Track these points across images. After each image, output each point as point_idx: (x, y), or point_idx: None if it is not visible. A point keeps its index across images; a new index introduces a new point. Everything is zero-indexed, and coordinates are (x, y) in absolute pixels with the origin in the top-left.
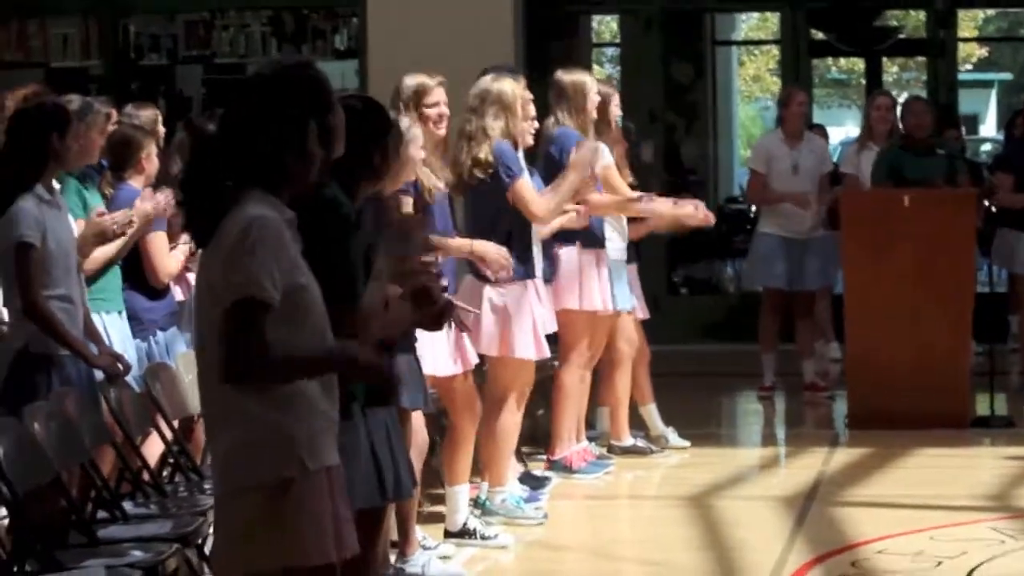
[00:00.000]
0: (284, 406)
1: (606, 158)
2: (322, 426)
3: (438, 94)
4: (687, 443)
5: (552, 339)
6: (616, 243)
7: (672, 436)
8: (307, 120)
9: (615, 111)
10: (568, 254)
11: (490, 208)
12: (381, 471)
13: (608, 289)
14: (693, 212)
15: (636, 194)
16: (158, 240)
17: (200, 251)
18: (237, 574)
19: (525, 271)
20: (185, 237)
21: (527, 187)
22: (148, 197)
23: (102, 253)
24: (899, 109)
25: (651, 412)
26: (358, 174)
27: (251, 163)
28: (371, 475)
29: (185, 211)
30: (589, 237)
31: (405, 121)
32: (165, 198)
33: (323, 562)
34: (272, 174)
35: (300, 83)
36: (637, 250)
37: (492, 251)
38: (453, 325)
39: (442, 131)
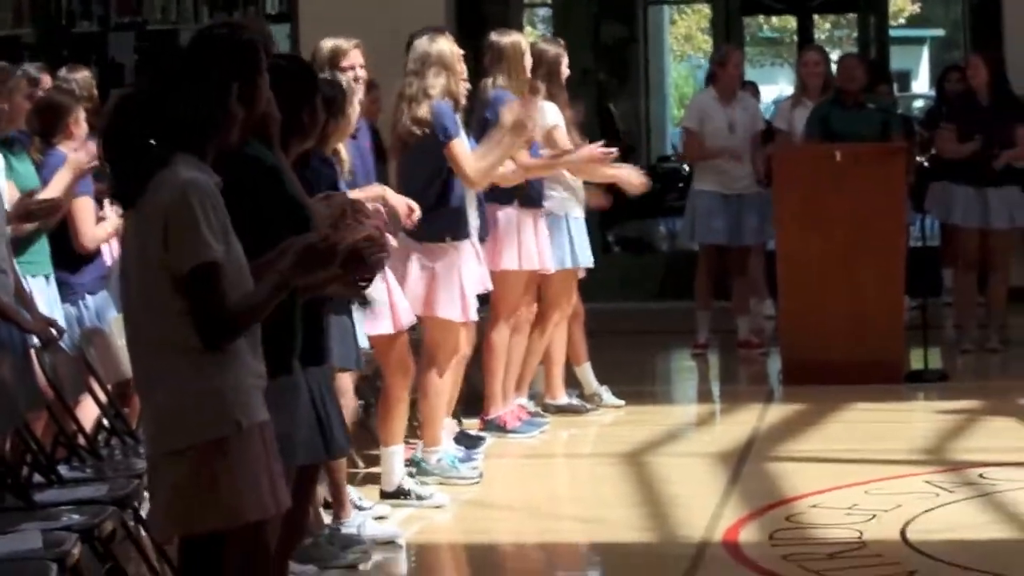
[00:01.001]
0: (215, 365)
1: (552, 119)
2: (253, 383)
3: (354, 56)
4: (621, 402)
5: (485, 299)
6: (575, 201)
7: (606, 395)
8: (228, 81)
9: (566, 71)
10: (506, 214)
11: (424, 167)
12: (323, 426)
13: (546, 248)
14: (628, 176)
15: (565, 149)
16: (84, 205)
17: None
18: (178, 534)
19: (457, 232)
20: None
21: (462, 148)
22: (81, 148)
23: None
24: (834, 67)
25: (585, 371)
26: (287, 132)
27: (171, 122)
28: (314, 430)
29: (110, 170)
30: (527, 197)
31: (344, 79)
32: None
33: (261, 517)
34: (192, 134)
35: (222, 44)
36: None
37: (400, 202)
38: (388, 283)
39: (359, 95)
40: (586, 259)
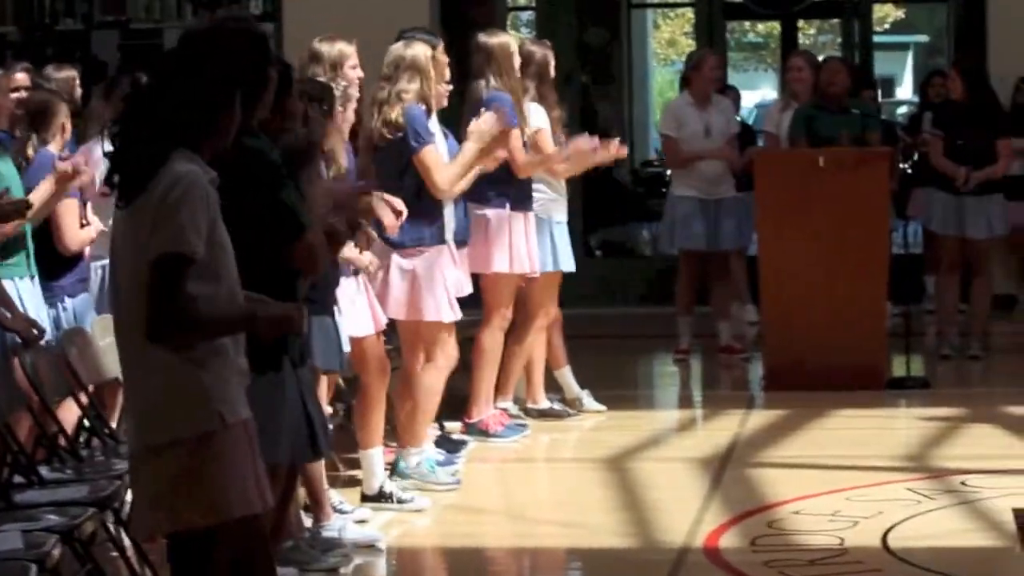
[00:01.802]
0: (200, 361)
1: (536, 122)
2: (236, 379)
3: (355, 58)
4: (603, 406)
5: (465, 301)
6: (560, 205)
7: (588, 399)
8: (237, 78)
9: (552, 73)
10: (498, 216)
11: (393, 170)
12: (313, 426)
13: (535, 250)
14: (608, 153)
15: (548, 153)
16: (70, 207)
17: (120, 210)
18: (162, 532)
19: (435, 235)
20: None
21: (432, 156)
22: (68, 158)
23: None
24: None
25: (566, 375)
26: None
27: (182, 118)
28: (302, 430)
29: (115, 165)
30: (518, 199)
31: (342, 83)
32: (82, 158)
33: (249, 512)
34: (199, 130)
35: (233, 39)
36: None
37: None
38: (367, 284)
39: (358, 93)
40: (568, 263)
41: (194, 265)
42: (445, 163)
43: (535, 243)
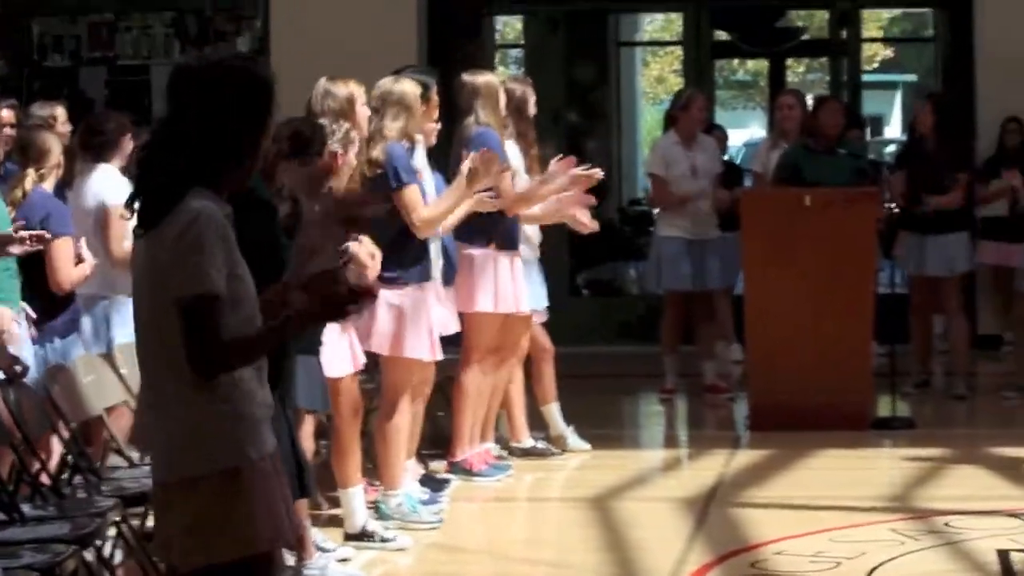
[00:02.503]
0: (225, 395)
1: (511, 160)
2: (262, 413)
3: (363, 95)
4: (587, 444)
5: (449, 339)
6: (530, 243)
7: (572, 437)
8: (266, 119)
9: (533, 109)
10: (483, 255)
11: None
12: (301, 466)
13: (522, 290)
14: (580, 217)
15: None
16: (63, 246)
17: (138, 238)
18: (198, 563)
19: (421, 273)
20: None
21: (413, 196)
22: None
23: None
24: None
25: (552, 411)
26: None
27: (211, 155)
28: (292, 468)
29: (137, 191)
30: (504, 238)
31: (345, 125)
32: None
33: (280, 546)
34: (227, 168)
35: (265, 81)
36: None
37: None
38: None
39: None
40: (540, 301)
41: (220, 301)
42: (422, 203)
43: (522, 283)
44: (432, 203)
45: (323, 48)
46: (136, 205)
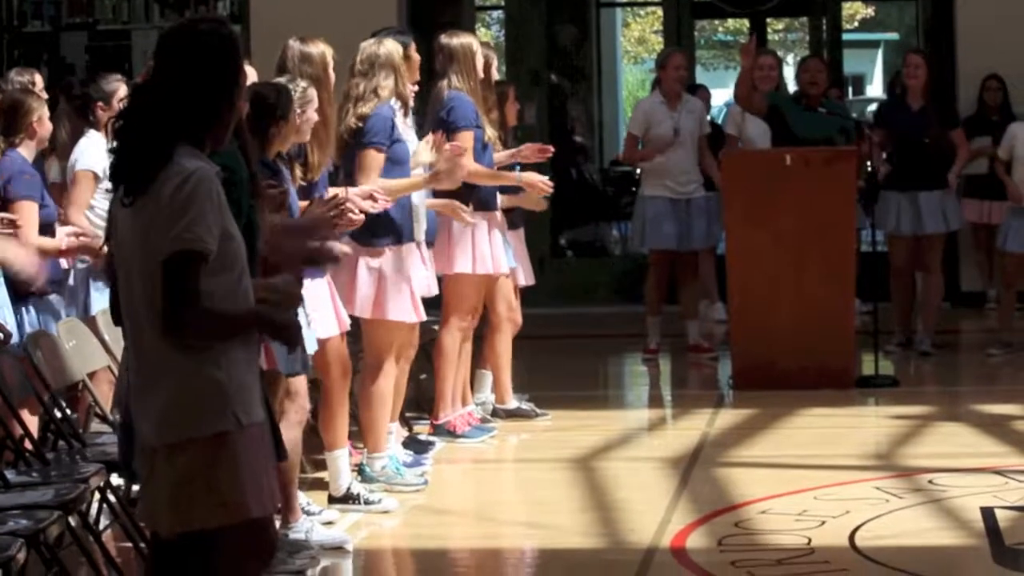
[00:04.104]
0: (216, 362)
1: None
2: (251, 381)
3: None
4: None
5: (432, 302)
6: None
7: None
8: (239, 76)
9: (495, 75)
10: None
11: None
12: (276, 431)
13: (500, 252)
14: (531, 178)
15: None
16: (27, 209)
17: (125, 207)
18: (177, 529)
19: (402, 235)
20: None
21: (371, 161)
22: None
23: None
24: (787, 69)
25: (486, 378)
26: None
27: (188, 115)
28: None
29: (118, 161)
30: (481, 200)
31: (302, 83)
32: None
33: (261, 514)
34: (202, 124)
35: (233, 39)
36: (522, 214)
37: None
38: (331, 284)
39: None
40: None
41: (207, 260)
42: (378, 172)
43: (500, 244)
44: (392, 180)
45: (302, 13)
46: (122, 174)
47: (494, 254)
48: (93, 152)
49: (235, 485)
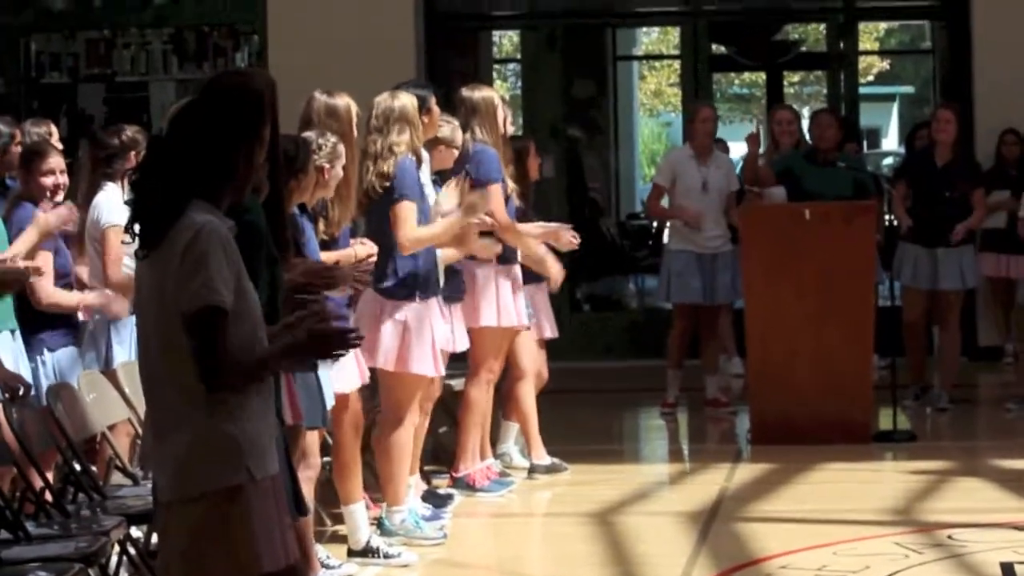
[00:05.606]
0: (231, 415)
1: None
2: (265, 433)
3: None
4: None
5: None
6: None
7: (516, 455)
8: (259, 130)
9: (509, 129)
10: (484, 271)
11: (387, 221)
12: (295, 483)
13: (522, 304)
14: (557, 233)
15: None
16: (42, 261)
17: (139, 259)
18: None
19: (429, 287)
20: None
21: (407, 212)
22: (52, 208)
23: None
24: (805, 123)
25: (510, 429)
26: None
27: (205, 170)
28: (288, 487)
29: (134, 214)
30: (504, 253)
31: (332, 138)
32: (69, 211)
33: (274, 568)
34: (222, 182)
35: (253, 94)
36: None
37: (362, 252)
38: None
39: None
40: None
41: (227, 314)
42: (414, 221)
43: (522, 298)
44: (426, 226)
45: (321, 63)
46: (136, 228)
47: (517, 307)
48: (113, 206)
49: (248, 539)
